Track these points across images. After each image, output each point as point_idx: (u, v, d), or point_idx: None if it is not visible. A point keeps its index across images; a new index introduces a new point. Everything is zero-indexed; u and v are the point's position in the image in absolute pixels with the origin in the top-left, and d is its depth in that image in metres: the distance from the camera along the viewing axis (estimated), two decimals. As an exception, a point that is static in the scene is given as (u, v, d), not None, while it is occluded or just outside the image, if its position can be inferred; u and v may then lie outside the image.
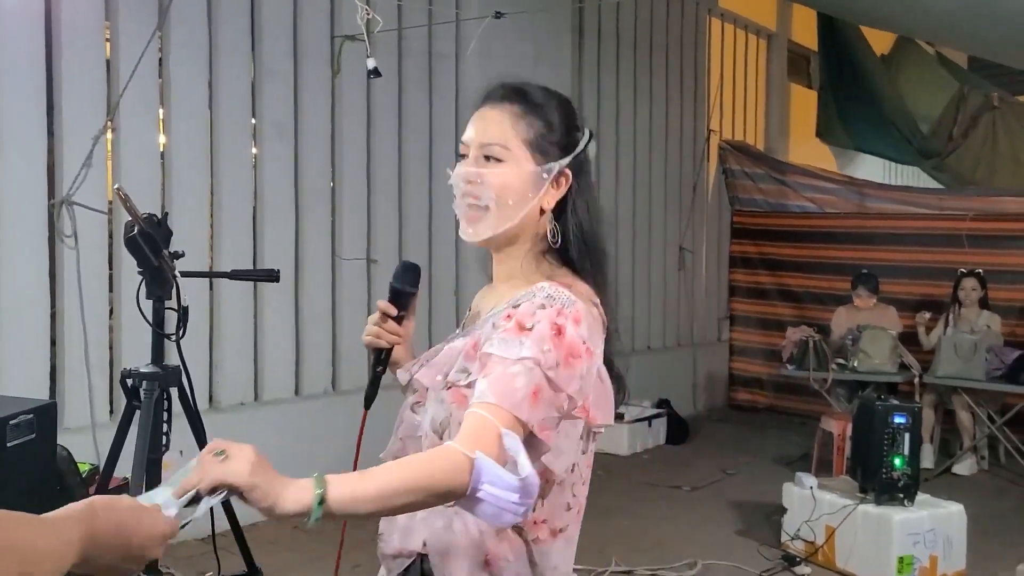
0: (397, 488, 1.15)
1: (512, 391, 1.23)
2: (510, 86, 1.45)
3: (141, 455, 2.38)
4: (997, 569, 4.07)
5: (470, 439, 1.18)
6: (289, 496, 1.13)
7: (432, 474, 1.15)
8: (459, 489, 1.14)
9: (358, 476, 1.17)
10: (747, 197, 8.32)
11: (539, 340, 1.26)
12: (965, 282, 6.12)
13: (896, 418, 4.09)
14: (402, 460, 1.22)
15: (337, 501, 1.13)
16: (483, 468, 1.14)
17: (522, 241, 1.43)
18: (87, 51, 4.07)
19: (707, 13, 8.22)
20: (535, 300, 1.32)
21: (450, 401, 1.34)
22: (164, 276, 2.41)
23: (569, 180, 1.42)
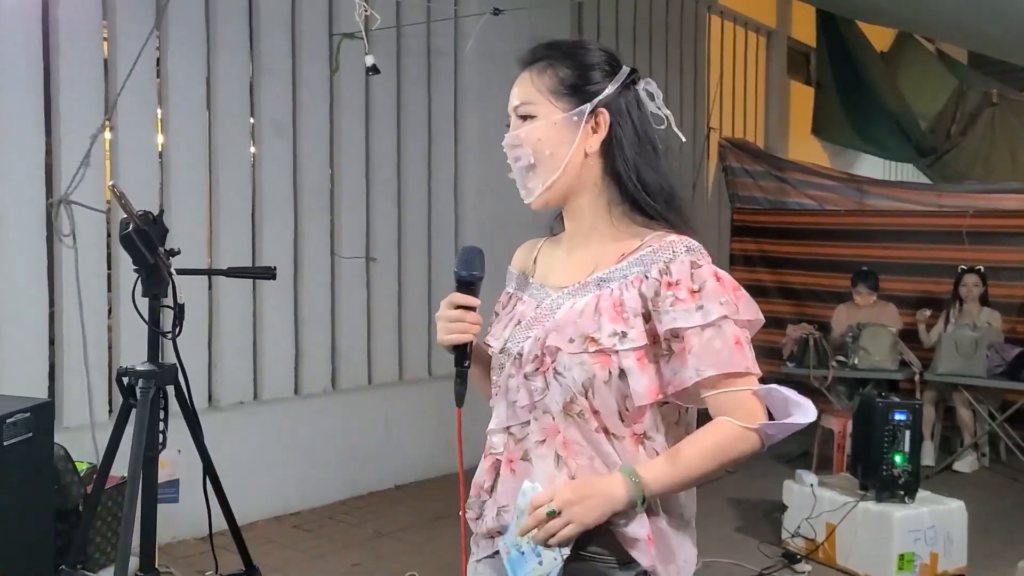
0: (704, 471, 1.36)
1: (718, 355, 1.34)
2: (538, 45, 1.47)
3: (137, 453, 2.37)
4: (998, 566, 4.06)
5: (741, 411, 1.35)
6: (617, 502, 1.32)
7: (734, 456, 1.36)
8: (757, 452, 1.37)
9: (668, 467, 1.34)
10: (747, 195, 8.31)
11: (715, 295, 1.35)
12: (966, 278, 6.11)
13: (896, 415, 4.08)
14: (701, 447, 1.35)
15: (653, 494, 1.35)
16: (770, 430, 1.36)
17: (584, 191, 1.44)
18: (85, 50, 4.06)
19: (706, 10, 8.21)
20: (683, 260, 1.37)
21: (591, 363, 1.36)
22: (160, 274, 2.40)
23: (607, 120, 1.42)
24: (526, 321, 1.46)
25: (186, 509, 3.19)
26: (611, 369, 1.36)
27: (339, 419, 5.05)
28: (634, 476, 1.32)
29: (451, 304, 1.46)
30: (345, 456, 5.04)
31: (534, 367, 1.41)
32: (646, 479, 1.32)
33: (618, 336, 1.36)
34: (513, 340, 1.47)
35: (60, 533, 3.12)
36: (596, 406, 1.37)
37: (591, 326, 1.37)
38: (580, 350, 1.37)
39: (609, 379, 1.36)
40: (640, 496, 1.32)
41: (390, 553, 4.25)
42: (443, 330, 1.46)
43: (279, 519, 4.67)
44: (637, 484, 1.32)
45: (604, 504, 1.31)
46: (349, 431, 5.08)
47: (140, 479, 2.39)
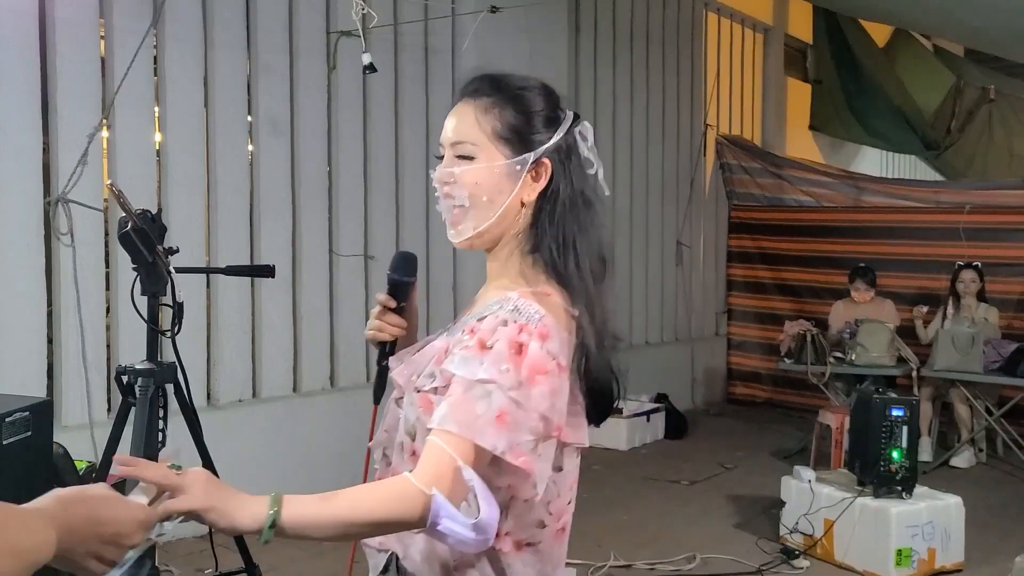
0: (352, 519, 1.18)
1: (473, 418, 1.19)
2: (481, 77, 1.40)
3: (137, 452, 2.37)
4: (995, 561, 4.08)
5: (428, 473, 1.18)
6: (246, 514, 1.15)
7: (388, 509, 1.17)
8: (415, 524, 1.17)
9: (317, 500, 1.17)
10: (744, 192, 8.32)
11: (497, 360, 1.21)
12: (963, 274, 6.12)
13: (894, 411, 4.09)
14: (360, 492, 1.21)
15: (290, 523, 1.15)
16: (439, 507, 1.15)
17: (507, 239, 1.37)
18: (81, 48, 4.05)
19: (703, 7, 8.21)
20: (499, 315, 1.26)
21: (418, 404, 1.30)
22: (158, 272, 2.41)
23: (549, 171, 1.35)
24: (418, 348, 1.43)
25: (185, 507, 3.19)
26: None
27: (338, 417, 5.05)
28: (275, 507, 1.14)
29: (377, 302, 1.48)
30: (344, 454, 5.03)
31: (398, 394, 1.39)
32: (285, 516, 1.14)
33: (429, 378, 1.31)
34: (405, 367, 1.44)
35: (59, 532, 3.11)
36: (416, 447, 1.31)
37: (427, 368, 1.33)
38: (411, 389, 1.34)
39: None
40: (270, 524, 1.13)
41: (389, 550, 4.25)
42: (367, 326, 1.49)
43: (278, 517, 4.67)
44: (272, 515, 1.13)
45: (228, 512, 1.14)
46: (348, 429, 5.07)
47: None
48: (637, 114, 7.41)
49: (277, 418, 4.79)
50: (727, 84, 8.57)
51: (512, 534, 1.32)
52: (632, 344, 7.42)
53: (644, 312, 7.59)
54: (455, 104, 1.40)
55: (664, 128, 7.76)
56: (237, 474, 4.08)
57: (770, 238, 8.00)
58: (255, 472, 4.56)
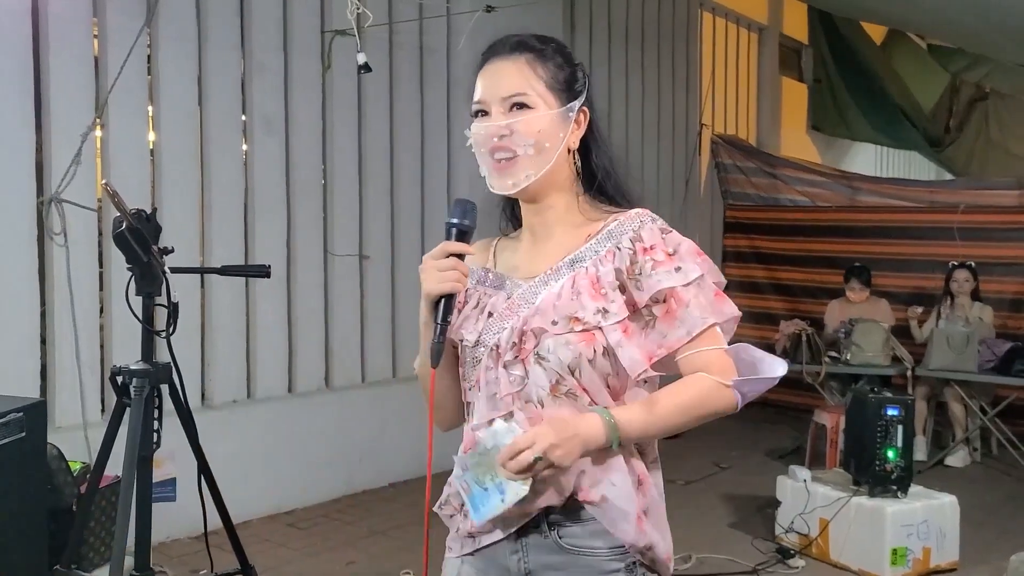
0: (678, 422, 1.40)
1: (708, 308, 1.39)
2: (515, 38, 1.48)
3: (132, 453, 2.36)
4: (990, 559, 4.08)
5: (716, 368, 1.40)
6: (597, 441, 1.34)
7: (709, 410, 1.41)
8: (730, 408, 1.42)
9: (645, 412, 1.37)
10: (739, 191, 8.32)
11: (689, 256, 1.40)
12: (957, 274, 6.13)
13: (889, 410, 4.09)
14: (675, 396, 1.39)
15: (627, 427, 1.36)
16: (742, 387, 1.41)
17: (560, 184, 1.47)
18: (75, 47, 4.04)
19: (698, 7, 8.21)
20: (651, 227, 1.42)
21: (577, 342, 1.37)
22: (153, 272, 2.40)
23: (588, 117, 1.47)
24: (498, 313, 1.45)
25: (181, 508, 3.18)
26: (595, 347, 1.37)
27: (333, 417, 5.04)
28: (610, 418, 1.34)
29: (444, 252, 1.41)
30: (339, 454, 5.03)
31: (513, 355, 1.40)
32: (620, 421, 1.35)
33: (601, 313, 1.37)
34: (488, 332, 1.44)
35: (54, 533, 3.10)
36: (584, 384, 1.38)
37: (572, 306, 1.38)
38: (565, 330, 1.37)
39: (594, 357, 1.37)
40: (616, 438, 1.35)
41: (384, 551, 4.25)
42: (434, 279, 1.39)
43: (273, 518, 4.66)
44: (613, 426, 1.34)
45: (583, 444, 1.33)
46: (343, 429, 5.07)
47: (135, 478, 2.38)
48: (632, 113, 7.41)
49: (272, 419, 4.78)
50: (722, 83, 8.58)
51: None
52: (627, 344, 7.41)
53: (639, 312, 7.58)
54: (488, 64, 1.48)
55: (659, 127, 7.76)
56: (232, 475, 4.08)
57: (765, 238, 8.01)
58: (250, 473, 4.55)
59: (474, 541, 1.47)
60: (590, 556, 1.39)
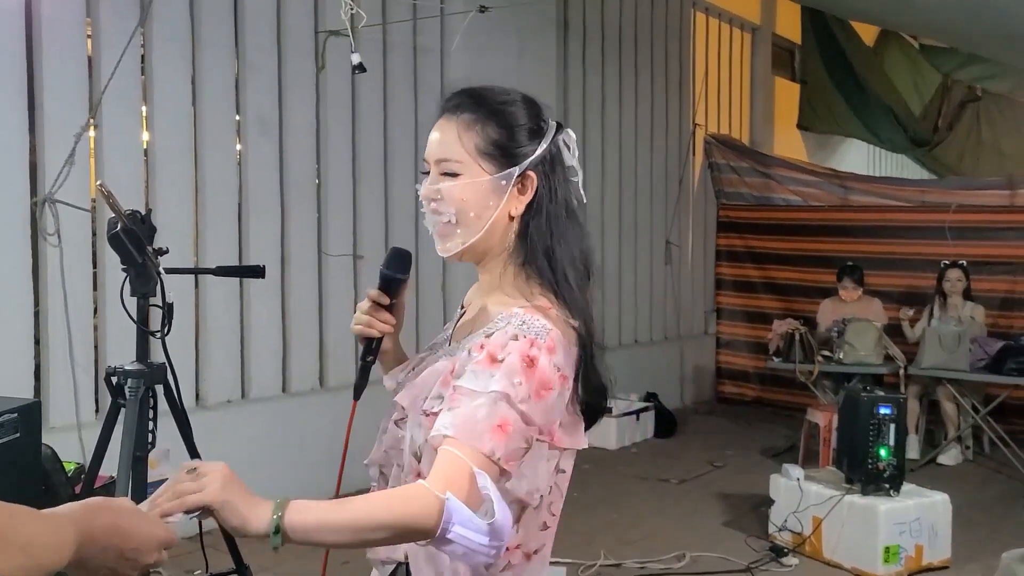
0: (365, 524, 1.15)
1: (474, 424, 1.20)
2: (462, 92, 1.40)
3: (127, 453, 2.36)
4: (982, 557, 4.11)
5: (442, 479, 1.17)
6: (257, 517, 1.13)
7: (403, 514, 1.15)
8: (429, 530, 1.14)
9: (327, 506, 1.16)
10: (732, 191, 8.35)
11: (510, 373, 1.23)
12: (949, 273, 6.16)
13: (881, 409, 4.12)
14: (372, 496, 1.22)
15: (296, 529, 1.13)
16: (453, 510, 1.13)
17: (497, 252, 1.38)
18: (68, 48, 4.03)
19: (691, 7, 8.23)
20: (508, 330, 1.27)
21: (427, 427, 1.29)
22: (148, 273, 2.39)
23: (535, 184, 1.35)
24: (418, 369, 1.43)
25: (175, 508, 3.18)
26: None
27: (327, 417, 5.03)
28: (279, 511, 1.13)
29: (368, 299, 1.46)
30: (334, 454, 5.01)
31: (398, 415, 1.41)
32: (289, 519, 1.13)
33: (439, 399, 1.30)
34: (401, 385, 1.44)
35: (48, 534, 3.10)
36: (422, 470, 1.30)
37: (434, 390, 1.33)
38: (419, 412, 1.34)
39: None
40: (274, 530, 1.13)
41: (379, 550, 4.25)
42: (353, 320, 1.46)
43: (268, 517, 4.67)
44: (278, 519, 1.13)
45: (241, 514, 1.13)
46: (337, 429, 5.05)
47: (129, 478, 2.38)
48: (626, 113, 7.43)
49: (266, 418, 4.78)
50: (715, 83, 8.59)
51: (523, 546, 1.34)
52: (621, 343, 7.44)
53: (633, 311, 7.61)
54: (437, 119, 1.41)
55: (653, 127, 7.77)
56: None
57: (758, 237, 8.03)
58: (244, 473, 4.51)
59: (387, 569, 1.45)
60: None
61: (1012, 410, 6.21)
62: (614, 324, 7.38)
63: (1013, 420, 6.24)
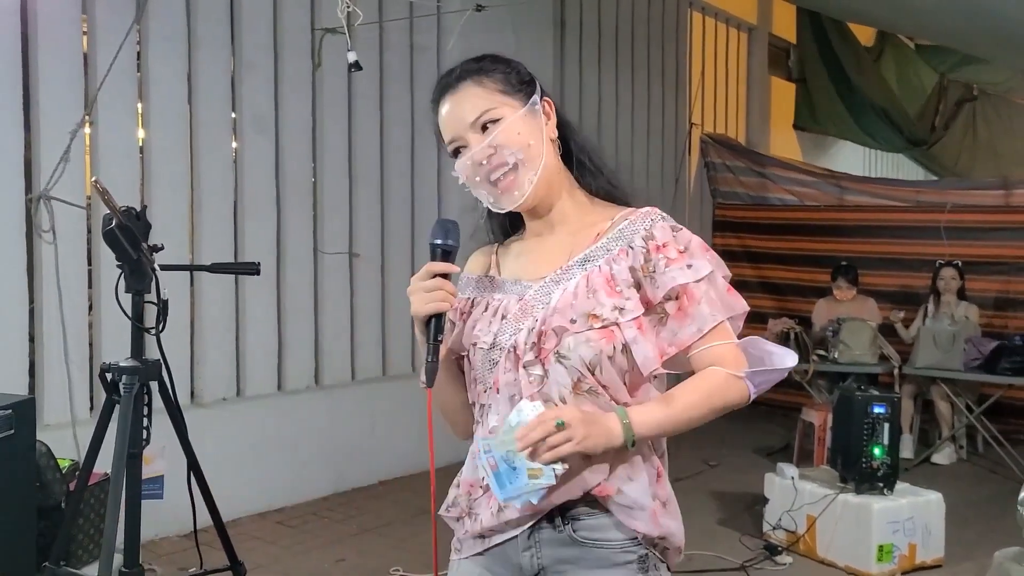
0: (696, 415, 1.41)
1: (720, 303, 1.43)
2: (449, 71, 1.49)
3: (121, 450, 2.36)
4: (975, 556, 4.12)
5: (731, 361, 1.42)
6: (615, 438, 1.36)
7: (724, 401, 1.41)
8: (742, 400, 1.43)
9: (658, 404, 1.40)
10: (728, 190, 8.36)
11: (700, 253, 1.44)
12: (944, 272, 6.17)
13: (875, 408, 4.13)
14: (692, 392, 1.41)
15: (642, 426, 1.37)
16: (752, 379, 1.43)
17: (558, 180, 1.48)
18: (64, 44, 4.02)
19: (688, 6, 8.24)
20: (662, 225, 1.45)
21: (598, 339, 1.38)
22: (143, 270, 2.40)
23: (552, 106, 1.48)
24: (512, 315, 1.44)
25: (170, 506, 3.18)
26: (615, 344, 1.38)
27: (323, 415, 5.04)
28: (625, 418, 1.36)
29: (429, 273, 1.41)
30: (329, 452, 5.04)
31: (533, 355, 1.40)
32: (635, 421, 1.36)
33: (618, 310, 1.39)
34: (503, 334, 1.44)
35: (43, 531, 3.10)
36: (603, 381, 1.40)
37: (590, 304, 1.39)
38: (585, 328, 1.38)
39: (613, 354, 1.39)
40: (631, 437, 1.36)
41: (374, 548, 4.26)
42: (421, 300, 1.40)
43: (263, 515, 4.66)
44: (627, 426, 1.36)
45: (604, 435, 1.35)
46: (333, 427, 5.07)
47: (124, 476, 2.38)
48: (622, 112, 7.43)
49: (261, 416, 4.78)
50: (711, 83, 8.60)
51: None
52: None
53: (629, 310, 7.60)
54: (440, 102, 1.47)
55: (649, 126, 7.78)
56: (221, 472, 4.07)
57: (754, 236, 8.04)
58: (240, 470, 4.55)
59: (484, 541, 1.47)
60: (604, 548, 1.41)
61: (1006, 410, 6.23)
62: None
63: (1007, 420, 6.26)
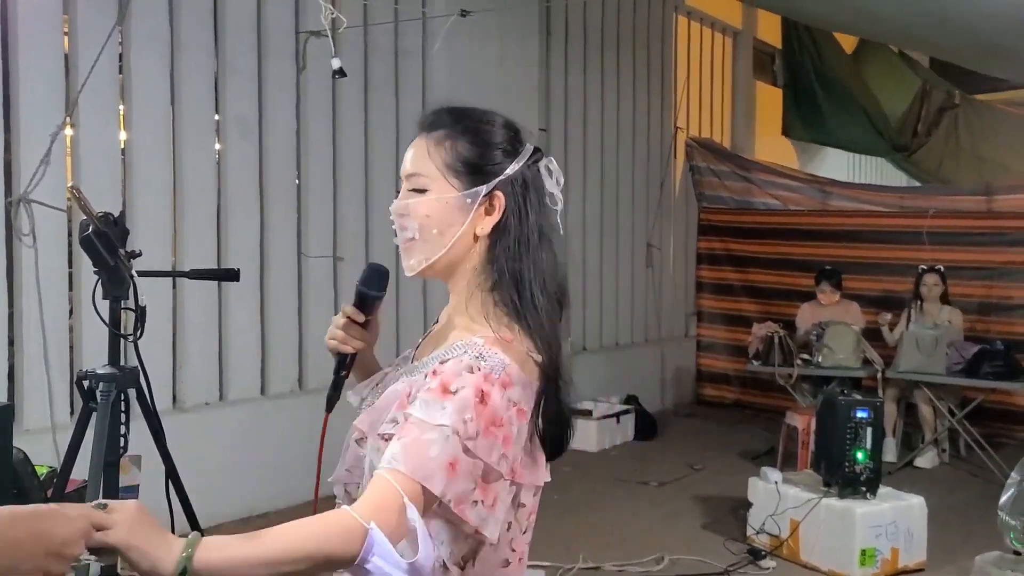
0: (282, 557, 1.11)
1: (425, 460, 1.17)
2: (439, 110, 1.39)
3: (98, 458, 2.34)
4: (957, 560, 4.14)
5: (370, 507, 1.14)
6: (168, 557, 1.09)
7: (323, 544, 1.12)
8: (348, 558, 1.11)
9: (241, 541, 1.12)
10: (713, 194, 8.38)
11: (461, 407, 1.20)
12: (926, 278, 6.21)
13: (858, 412, 4.14)
14: (290, 527, 1.15)
15: (207, 566, 1.08)
16: (375, 542, 1.10)
17: (461, 273, 1.37)
18: (45, 45, 3.99)
19: (674, 11, 8.26)
20: (463, 360, 1.24)
21: (382, 450, 1.25)
22: (120, 276, 2.37)
23: (503, 204, 1.33)
24: (380, 387, 1.43)
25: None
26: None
27: (306, 419, 5.00)
28: (189, 549, 1.09)
29: (343, 314, 1.46)
30: (312, 457, 4.98)
31: (358, 435, 1.39)
32: (199, 558, 1.08)
33: (394, 423, 1.27)
34: (365, 403, 1.45)
35: (20, 538, 3.06)
36: None
37: (391, 413, 1.31)
38: (377, 440, 1.31)
39: None
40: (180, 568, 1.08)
41: (357, 554, 4.23)
42: (328, 335, 1.47)
43: (246, 521, 4.63)
44: (186, 558, 1.08)
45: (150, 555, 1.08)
46: (316, 432, 5.02)
47: (101, 484, 2.35)
48: (607, 116, 7.44)
49: (244, 421, 4.75)
50: (697, 87, 8.63)
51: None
52: (602, 346, 7.45)
53: (614, 313, 7.62)
54: (415, 138, 1.40)
55: (634, 130, 7.80)
56: (203, 478, 4.04)
57: (738, 240, 8.07)
58: (222, 476, 4.52)
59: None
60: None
61: (988, 413, 6.27)
62: (595, 326, 7.39)
63: (989, 423, 6.30)
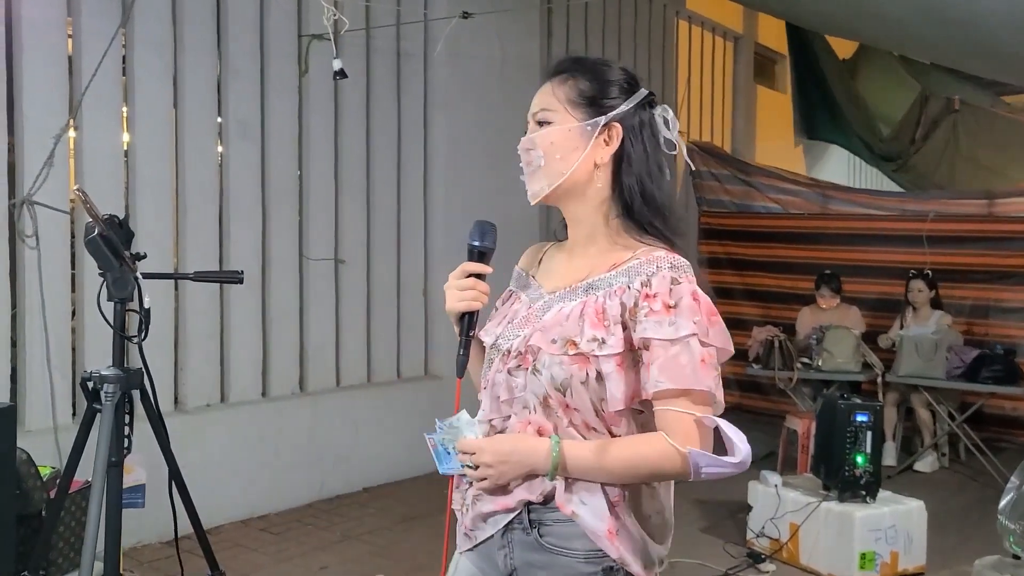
0: (622, 474, 1.41)
1: (682, 370, 1.38)
2: (563, 58, 1.55)
3: (102, 459, 2.35)
4: (956, 564, 4.15)
5: (678, 434, 1.38)
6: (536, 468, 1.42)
7: (654, 467, 1.40)
8: (681, 477, 1.40)
9: (593, 457, 1.40)
10: (714, 198, 8.39)
11: (689, 313, 1.39)
12: (913, 284, 6.22)
13: (858, 416, 4.15)
14: (626, 447, 1.40)
15: (567, 474, 1.41)
16: (699, 460, 1.36)
17: (586, 199, 1.50)
18: (49, 48, 4.00)
19: (675, 15, 8.28)
20: (664, 274, 1.42)
21: (569, 363, 1.41)
22: (125, 278, 2.38)
23: (620, 135, 1.48)
24: (518, 320, 1.53)
25: (151, 513, 3.16)
26: (588, 371, 1.41)
27: (307, 421, 5.02)
28: (556, 451, 1.40)
29: (463, 272, 1.53)
30: (313, 459, 5.02)
31: (516, 363, 1.47)
32: (566, 457, 1.40)
33: (597, 342, 1.41)
34: (504, 337, 1.53)
35: (22, 538, 3.08)
36: (572, 404, 1.43)
37: (574, 330, 1.43)
38: (560, 352, 1.43)
39: (586, 380, 1.42)
40: (553, 472, 1.40)
41: (358, 556, 4.24)
42: (454, 298, 1.52)
43: (246, 522, 4.64)
44: (556, 460, 1.40)
45: (520, 467, 1.42)
46: (317, 434, 5.05)
47: (104, 484, 2.37)
48: (608, 120, 7.44)
49: (245, 423, 4.76)
50: (697, 91, 8.65)
51: None
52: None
53: (614, 317, 7.61)
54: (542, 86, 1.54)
55: (635, 134, 7.80)
56: (205, 479, 4.06)
57: (739, 244, 8.08)
58: (223, 477, 4.53)
59: (469, 538, 1.55)
60: (569, 557, 1.45)
61: (987, 418, 6.28)
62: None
63: (988, 428, 6.31)
